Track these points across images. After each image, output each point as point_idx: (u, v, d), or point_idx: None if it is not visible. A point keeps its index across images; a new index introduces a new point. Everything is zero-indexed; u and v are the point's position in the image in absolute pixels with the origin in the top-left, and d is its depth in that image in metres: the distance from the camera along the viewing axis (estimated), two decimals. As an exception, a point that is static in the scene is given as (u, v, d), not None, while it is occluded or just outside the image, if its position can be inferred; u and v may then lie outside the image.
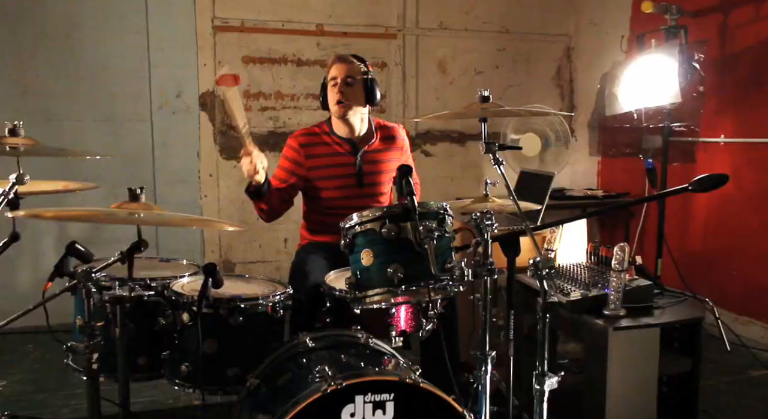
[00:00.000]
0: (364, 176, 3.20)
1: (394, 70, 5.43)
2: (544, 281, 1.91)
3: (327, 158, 3.18)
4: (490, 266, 2.09)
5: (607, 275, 3.05)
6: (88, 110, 4.79)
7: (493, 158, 2.19)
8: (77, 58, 4.72)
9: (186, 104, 5.01)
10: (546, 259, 1.90)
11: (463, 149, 5.70)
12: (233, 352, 2.40)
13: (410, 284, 2.10)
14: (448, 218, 2.22)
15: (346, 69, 3.13)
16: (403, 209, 2.10)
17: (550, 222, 2.58)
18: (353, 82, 3.12)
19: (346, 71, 3.12)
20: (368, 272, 2.17)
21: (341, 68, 3.13)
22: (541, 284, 1.93)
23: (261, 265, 5.28)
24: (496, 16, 5.67)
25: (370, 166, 3.22)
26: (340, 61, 3.15)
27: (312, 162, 3.17)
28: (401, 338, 2.54)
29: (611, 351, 2.72)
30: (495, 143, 2.19)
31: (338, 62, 3.16)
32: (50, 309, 2.23)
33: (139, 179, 4.86)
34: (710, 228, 4.72)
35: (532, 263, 1.93)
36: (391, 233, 2.10)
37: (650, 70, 4.19)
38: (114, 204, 2.04)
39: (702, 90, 4.42)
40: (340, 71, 3.13)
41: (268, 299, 2.46)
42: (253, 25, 5.08)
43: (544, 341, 1.95)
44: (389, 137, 3.30)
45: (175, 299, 2.43)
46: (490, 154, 2.20)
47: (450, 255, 2.17)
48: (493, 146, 2.19)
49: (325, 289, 2.65)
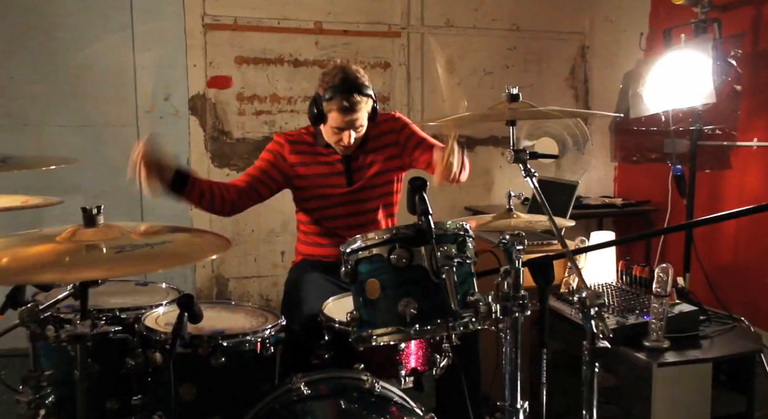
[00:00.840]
0: (353, 172, 2.84)
1: (397, 71, 5.07)
2: (592, 321, 1.54)
3: (310, 156, 2.83)
4: (521, 300, 1.72)
5: (644, 298, 2.69)
6: (69, 115, 4.44)
7: (524, 168, 1.83)
8: (56, 59, 4.38)
9: (174, 108, 4.67)
10: (594, 295, 1.54)
11: (471, 154, 5.34)
12: (214, 399, 2.03)
13: (425, 322, 1.73)
14: (470, 240, 1.85)
15: (356, 121, 2.65)
16: (416, 230, 1.73)
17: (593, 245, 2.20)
18: (363, 123, 2.71)
19: (357, 120, 2.66)
20: (374, 306, 1.80)
21: (353, 120, 2.64)
22: (589, 326, 1.57)
23: (256, 280, 4.93)
24: (506, 13, 5.33)
25: (360, 161, 2.85)
26: (348, 114, 2.62)
27: (295, 158, 2.82)
28: (412, 378, 2.18)
29: (656, 390, 2.35)
30: (525, 151, 1.82)
31: (346, 115, 2.62)
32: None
33: (123, 189, 4.49)
34: (742, 239, 4.34)
35: (578, 299, 1.56)
36: (402, 259, 1.73)
37: (680, 67, 3.83)
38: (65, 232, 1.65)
39: (739, 89, 4.04)
40: (348, 122, 2.65)
41: (256, 334, 2.10)
42: (246, 23, 4.74)
43: (593, 396, 1.59)
44: (385, 132, 2.89)
45: (147, 335, 2.07)
46: (520, 164, 1.83)
47: (472, 285, 1.81)
48: (524, 155, 1.82)
49: (323, 319, 2.29)
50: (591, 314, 1.53)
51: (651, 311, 2.48)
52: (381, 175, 2.88)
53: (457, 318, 1.73)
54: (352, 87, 2.61)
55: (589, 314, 1.53)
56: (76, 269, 1.52)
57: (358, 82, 2.63)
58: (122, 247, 1.56)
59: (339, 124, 2.66)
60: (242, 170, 4.78)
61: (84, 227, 1.67)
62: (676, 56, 3.90)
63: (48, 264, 1.49)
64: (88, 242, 1.62)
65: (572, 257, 1.68)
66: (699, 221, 3.35)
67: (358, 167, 2.84)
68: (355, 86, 2.61)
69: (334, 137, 2.72)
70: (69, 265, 1.49)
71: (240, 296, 4.90)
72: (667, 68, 3.94)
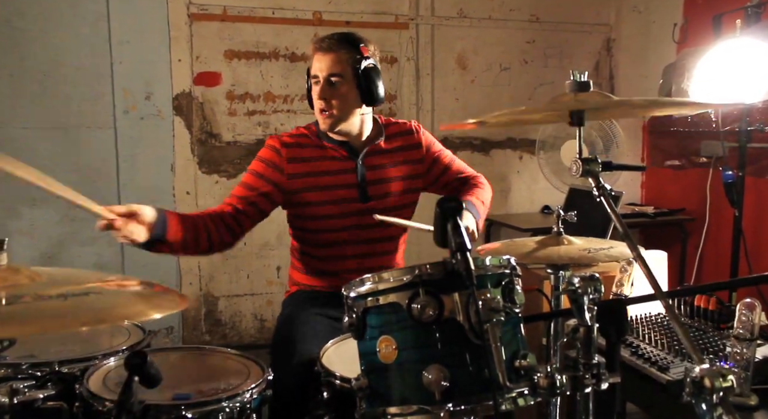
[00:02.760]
0: (368, 186, 2.36)
1: (405, 66, 4.59)
2: (713, 411, 1.05)
3: (316, 163, 2.36)
4: (596, 369, 1.23)
5: (712, 336, 2.20)
6: (37, 116, 3.96)
7: (596, 185, 1.33)
8: (21, 51, 3.89)
9: (157, 108, 4.18)
10: (718, 373, 1.04)
11: (486, 158, 4.88)
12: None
13: (461, 400, 1.24)
14: (517, 282, 1.36)
15: (329, 62, 2.27)
16: (447, 271, 1.25)
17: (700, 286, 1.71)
18: (340, 81, 2.27)
19: (330, 66, 2.27)
20: (389, 374, 1.32)
21: (323, 61, 2.28)
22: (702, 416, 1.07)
23: (249, 299, 4.45)
24: (524, 2, 4.87)
25: (377, 173, 2.38)
26: (321, 51, 2.30)
27: (295, 167, 2.34)
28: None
29: (744, 461, 1.86)
30: (597, 161, 1.33)
31: (319, 52, 2.30)
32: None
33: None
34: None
35: (690, 380, 1.07)
36: (429, 311, 1.25)
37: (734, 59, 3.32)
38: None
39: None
40: (321, 66, 2.28)
41: (234, 399, 1.61)
42: (237, 12, 4.26)
43: None
44: (400, 134, 2.48)
45: (90, 403, 1.58)
46: (590, 178, 1.33)
47: (523, 346, 1.32)
48: (596, 166, 1.32)
49: (321, 371, 1.81)
50: (713, 402, 1.04)
51: (731, 358, 1.98)
52: (402, 195, 2.45)
53: (505, 393, 1.24)
54: (335, 34, 2.34)
55: (711, 403, 1.04)
56: None
57: (343, 33, 2.36)
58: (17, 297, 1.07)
59: (313, 69, 2.30)
60: (233, 177, 4.33)
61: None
62: (728, 46, 3.40)
63: None
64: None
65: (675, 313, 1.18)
66: None
67: (375, 178, 2.38)
68: (337, 34, 2.34)
69: (316, 104, 2.34)
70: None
71: (231, 316, 4.42)
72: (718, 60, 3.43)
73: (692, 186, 4.53)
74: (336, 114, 2.28)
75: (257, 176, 2.33)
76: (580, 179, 1.37)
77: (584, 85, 1.38)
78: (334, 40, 2.29)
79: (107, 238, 3.93)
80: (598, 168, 1.34)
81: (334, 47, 2.27)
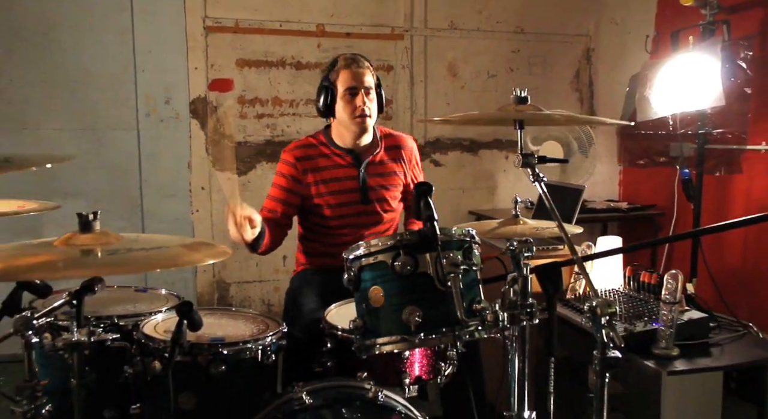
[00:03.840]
0: (369, 190, 2.81)
1: (400, 74, 5.03)
2: (603, 331, 1.49)
3: (327, 172, 2.79)
4: (529, 308, 1.68)
5: (652, 305, 2.64)
6: (68, 118, 4.39)
7: (532, 173, 1.78)
8: (55, 61, 4.33)
9: (175, 111, 4.61)
10: (605, 304, 1.49)
11: (475, 158, 5.30)
12: (215, 408, 1.99)
13: (430, 331, 1.69)
14: (475, 247, 1.80)
15: (365, 78, 2.72)
16: (420, 237, 1.69)
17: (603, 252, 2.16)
18: (372, 91, 2.74)
19: (366, 80, 2.72)
20: (378, 314, 1.76)
21: (360, 77, 2.72)
22: (600, 335, 1.52)
23: (258, 285, 4.88)
24: (510, 15, 5.28)
25: (376, 179, 2.82)
26: (356, 67, 2.73)
27: (310, 177, 2.78)
28: (416, 386, 2.13)
29: (665, 399, 2.30)
30: (534, 156, 1.78)
31: (354, 67, 2.73)
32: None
33: (124, 192, 4.49)
34: (750, 243, 4.28)
35: (588, 308, 1.52)
36: (407, 267, 1.69)
37: (688, 70, 3.77)
38: (60, 238, 1.62)
39: (749, 92, 3.98)
40: (359, 80, 2.71)
41: (257, 342, 2.05)
42: (248, 25, 4.69)
43: (603, 407, 1.54)
44: (395, 147, 2.91)
45: (145, 343, 2.03)
46: (528, 168, 1.78)
47: (478, 293, 1.76)
48: (532, 159, 1.77)
49: (326, 326, 2.25)
50: (602, 323, 1.48)
51: (660, 319, 2.43)
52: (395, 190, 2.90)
53: (463, 327, 1.69)
54: (356, 56, 2.78)
55: (600, 323, 1.48)
56: (71, 270, 1.50)
57: (356, 54, 2.81)
58: (116, 250, 1.52)
59: (350, 82, 2.70)
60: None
61: (80, 232, 1.63)
62: (683, 59, 3.85)
63: (42, 267, 1.47)
64: (83, 247, 1.59)
65: (582, 264, 1.63)
66: (709, 228, 3.30)
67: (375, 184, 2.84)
68: (359, 56, 2.79)
69: (348, 110, 2.73)
70: (63, 268, 1.46)
71: (241, 301, 4.85)
72: (674, 71, 3.88)
73: (662, 184, 4.93)
74: (371, 117, 2.75)
75: (284, 189, 2.82)
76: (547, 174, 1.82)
77: (523, 99, 1.83)
78: (363, 59, 2.76)
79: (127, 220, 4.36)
80: (534, 161, 1.78)
81: (366, 65, 2.75)
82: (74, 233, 1.63)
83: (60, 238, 1.61)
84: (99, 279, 1.67)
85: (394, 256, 1.71)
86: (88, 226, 1.63)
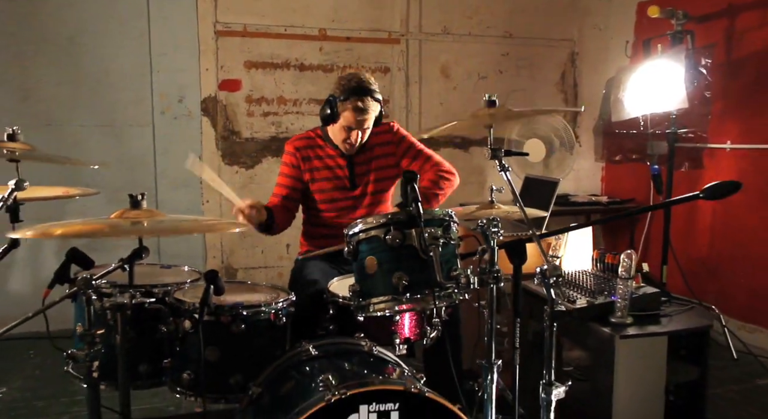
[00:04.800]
0: (356, 177, 3.18)
1: (397, 75, 5.40)
2: (551, 289, 1.88)
3: (319, 161, 3.18)
4: (496, 273, 2.05)
5: (614, 282, 3.02)
6: (89, 115, 4.76)
7: (499, 164, 2.16)
8: (78, 62, 4.70)
9: (188, 109, 4.98)
10: (553, 267, 1.87)
11: (466, 154, 5.67)
12: (235, 360, 2.37)
13: (415, 292, 2.07)
14: (453, 225, 2.18)
15: (366, 122, 3.02)
16: (407, 216, 2.06)
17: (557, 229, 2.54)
18: (368, 123, 3.05)
19: (366, 121, 3.02)
20: (372, 279, 2.14)
21: (362, 123, 3.00)
22: (549, 293, 1.90)
23: (263, 271, 5.25)
24: (499, 20, 5.64)
25: (362, 167, 3.20)
26: (361, 115, 2.97)
27: (306, 165, 3.16)
28: (405, 346, 2.51)
29: (618, 359, 2.69)
30: (501, 149, 2.15)
31: (359, 115, 2.97)
32: (51, 315, 2.17)
33: (140, 184, 4.84)
34: (717, 235, 4.67)
35: (539, 271, 1.90)
36: (396, 240, 2.07)
37: (656, 75, 4.16)
38: (115, 213, 2.01)
39: (708, 96, 4.37)
40: (360, 124, 3.01)
41: (270, 306, 2.43)
42: (255, 29, 5.06)
43: (551, 350, 1.92)
44: (380, 133, 3.24)
45: (177, 306, 2.41)
46: (496, 160, 2.16)
47: (455, 263, 2.14)
48: (499, 152, 2.15)
49: (328, 296, 2.62)
50: (550, 283, 1.87)
51: (617, 292, 2.81)
52: (379, 182, 3.24)
53: (442, 289, 2.06)
54: (366, 91, 2.97)
55: (549, 282, 1.86)
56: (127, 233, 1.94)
57: (371, 88, 2.99)
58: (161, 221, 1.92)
59: (351, 123, 3.00)
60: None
61: (130, 209, 2.02)
62: (653, 65, 4.24)
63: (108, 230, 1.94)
64: (134, 219, 1.98)
65: (539, 240, 2.00)
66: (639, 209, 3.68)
67: (361, 171, 3.19)
68: (368, 91, 2.98)
69: (341, 135, 3.06)
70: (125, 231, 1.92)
71: (247, 285, 5.21)
72: (644, 76, 4.27)
73: (640, 180, 5.31)
74: (357, 146, 3.11)
75: (288, 176, 3.19)
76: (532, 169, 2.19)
77: (492, 102, 2.21)
78: (367, 101, 2.95)
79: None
80: (501, 154, 2.16)
81: (371, 108, 2.98)
82: (125, 209, 2.02)
83: (115, 213, 2.00)
84: (145, 248, 2.05)
85: (386, 231, 2.09)
86: (137, 204, 2.02)
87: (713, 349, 4.07)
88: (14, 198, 2.18)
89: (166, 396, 3.47)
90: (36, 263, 4.70)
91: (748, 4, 4.29)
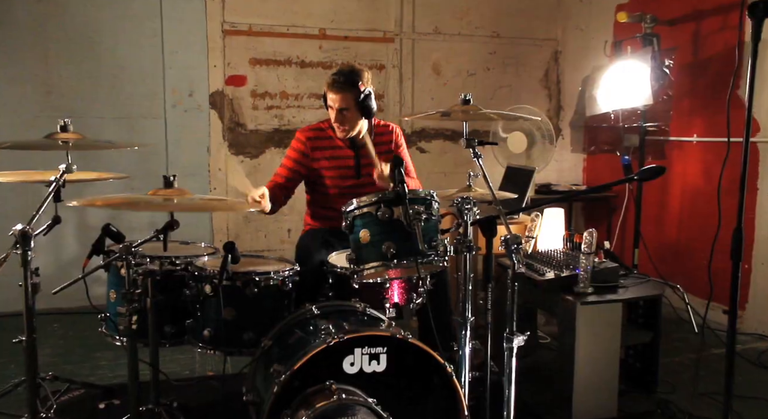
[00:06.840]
0: (361, 168, 3.56)
1: (391, 72, 5.77)
2: (513, 255, 2.28)
3: (329, 151, 3.54)
4: (468, 244, 2.45)
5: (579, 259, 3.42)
6: (107, 108, 5.13)
7: (473, 152, 2.56)
8: (98, 59, 5.07)
9: (197, 103, 5.36)
10: (514, 237, 2.27)
11: (456, 146, 6.04)
12: (249, 319, 2.76)
13: (401, 259, 2.46)
14: (435, 203, 2.58)
15: (339, 100, 3.35)
16: (395, 195, 2.45)
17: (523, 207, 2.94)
18: (348, 110, 3.39)
19: (339, 102, 3.36)
20: (366, 248, 2.53)
21: (335, 98, 3.35)
22: (511, 257, 2.31)
23: (266, 253, 5.61)
24: (487, 21, 6.02)
25: (368, 159, 3.57)
26: (334, 90, 3.34)
27: (316, 154, 3.53)
28: (394, 309, 2.92)
29: (579, 324, 3.09)
30: (474, 140, 2.56)
31: (332, 91, 3.35)
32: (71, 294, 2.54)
33: (153, 171, 5.20)
34: (684, 221, 5.07)
35: (503, 239, 2.30)
36: (385, 215, 2.46)
37: (626, 74, 4.56)
38: (151, 191, 2.42)
39: (671, 93, 4.78)
40: (334, 101, 3.37)
41: (279, 274, 2.82)
42: (260, 29, 5.42)
43: (513, 305, 2.33)
44: (384, 134, 3.64)
45: (199, 273, 2.80)
46: (470, 148, 2.56)
47: (436, 235, 2.54)
48: (473, 142, 2.56)
49: (328, 267, 3.02)
50: (512, 249, 2.27)
51: (580, 266, 3.21)
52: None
53: (424, 256, 2.46)
54: (342, 74, 3.36)
55: (511, 249, 2.27)
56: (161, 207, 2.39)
57: (347, 72, 3.38)
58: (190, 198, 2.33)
59: (329, 101, 3.40)
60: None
61: (163, 188, 2.43)
62: (623, 64, 4.64)
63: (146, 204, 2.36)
64: (166, 196, 2.38)
65: (505, 217, 2.41)
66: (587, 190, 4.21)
67: (366, 163, 3.55)
68: (344, 74, 3.37)
69: (332, 117, 3.43)
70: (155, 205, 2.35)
71: (251, 267, 5.59)
72: (616, 74, 4.68)
73: (618, 170, 5.65)
74: (347, 129, 3.47)
75: (293, 160, 3.55)
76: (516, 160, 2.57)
77: (467, 101, 2.62)
78: (341, 82, 3.33)
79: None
80: (475, 143, 2.56)
81: (342, 89, 3.34)
82: (158, 189, 2.43)
83: (151, 191, 2.41)
84: (176, 221, 2.45)
85: (377, 208, 2.48)
86: (170, 183, 2.42)
87: (677, 324, 4.53)
88: (64, 180, 2.57)
89: (188, 353, 3.89)
90: (57, 246, 5.04)
91: (711, 10, 4.68)
